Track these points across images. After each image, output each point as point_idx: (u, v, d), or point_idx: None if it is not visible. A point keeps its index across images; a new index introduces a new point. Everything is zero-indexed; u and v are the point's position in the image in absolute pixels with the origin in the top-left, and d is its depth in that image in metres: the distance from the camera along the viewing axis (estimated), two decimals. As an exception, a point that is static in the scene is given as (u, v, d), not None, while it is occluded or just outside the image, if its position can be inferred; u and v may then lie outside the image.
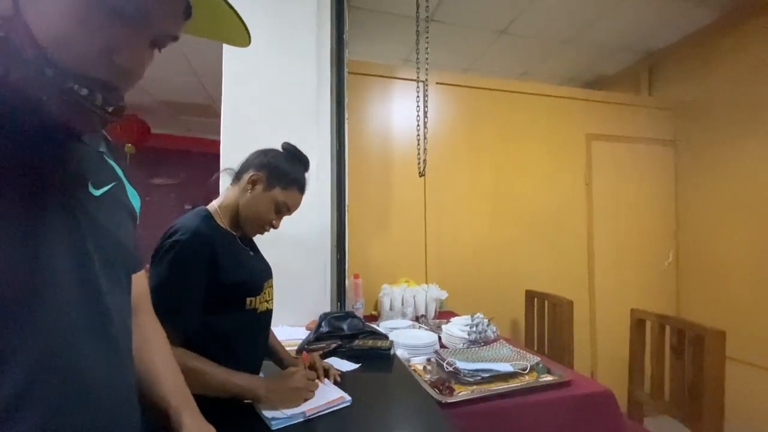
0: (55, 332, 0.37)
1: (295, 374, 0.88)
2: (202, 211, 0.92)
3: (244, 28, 0.47)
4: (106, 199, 0.46)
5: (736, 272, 2.37)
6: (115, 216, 0.48)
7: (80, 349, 0.39)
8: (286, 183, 0.95)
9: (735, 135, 2.40)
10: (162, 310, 0.79)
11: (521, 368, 1.18)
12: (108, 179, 0.48)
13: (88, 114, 0.36)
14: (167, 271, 0.80)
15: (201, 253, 0.82)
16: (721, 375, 1.29)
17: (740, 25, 2.37)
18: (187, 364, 0.78)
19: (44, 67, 0.33)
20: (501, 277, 2.41)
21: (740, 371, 2.24)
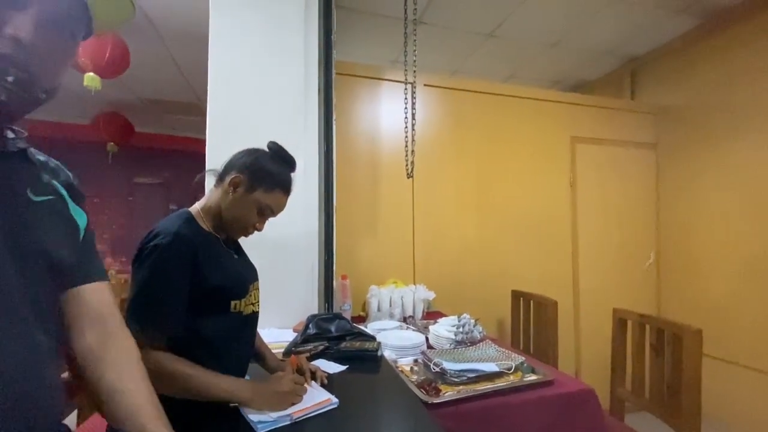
0: None
1: (283, 378, 0.87)
2: (184, 214, 0.91)
3: None
4: (44, 206, 0.50)
5: (714, 272, 2.45)
6: (52, 224, 0.51)
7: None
8: (269, 185, 0.93)
9: (715, 138, 2.47)
10: (144, 313, 0.78)
11: (506, 368, 1.20)
12: (49, 192, 0.52)
13: None
14: (149, 275, 0.78)
15: (183, 256, 0.81)
16: (698, 372, 1.33)
17: (719, 33, 2.45)
18: (172, 368, 0.77)
19: None
20: (488, 278, 2.44)
21: (717, 368, 2.31)
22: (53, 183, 0.55)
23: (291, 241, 1.60)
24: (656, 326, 1.51)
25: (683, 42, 2.66)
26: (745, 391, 2.23)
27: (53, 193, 0.54)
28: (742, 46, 2.32)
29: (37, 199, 0.50)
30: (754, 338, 2.21)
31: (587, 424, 1.14)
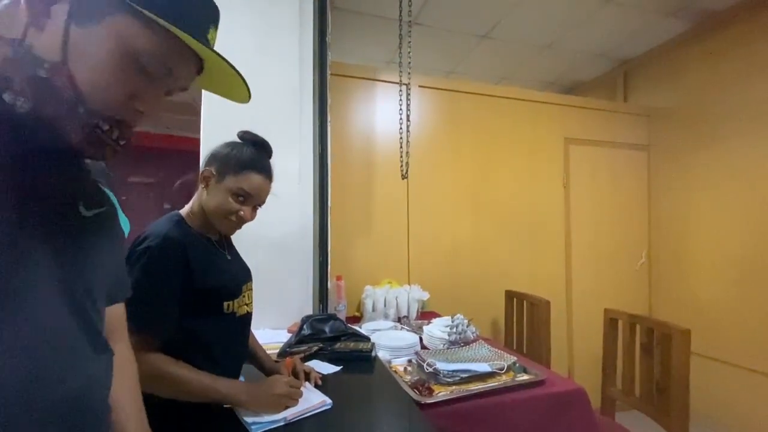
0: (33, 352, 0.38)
1: (279, 381, 0.87)
2: (174, 216, 0.91)
3: (246, 87, 0.53)
4: (95, 220, 0.49)
5: (704, 272, 2.49)
6: (102, 238, 0.50)
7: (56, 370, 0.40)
8: (236, 168, 0.91)
9: (706, 140, 2.51)
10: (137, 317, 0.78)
11: (498, 368, 1.21)
12: (100, 203, 0.51)
13: (103, 145, 0.43)
14: (140, 279, 0.78)
15: (173, 259, 0.82)
16: (686, 371, 1.36)
17: (709, 36, 2.48)
18: (168, 371, 0.78)
19: (78, 105, 0.39)
20: (482, 278, 2.45)
21: (707, 366, 2.35)
22: (104, 189, 0.54)
23: (286, 241, 1.60)
24: (646, 326, 1.54)
25: (674, 45, 2.69)
26: (734, 388, 2.26)
27: (104, 201, 0.52)
28: (732, 49, 2.36)
29: (89, 214, 0.48)
30: (743, 337, 2.25)
31: (578, 423, 1.16)
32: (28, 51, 0.38)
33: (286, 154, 1.61)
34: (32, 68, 0.38)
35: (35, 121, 0.39)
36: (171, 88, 0.47)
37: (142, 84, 0.43)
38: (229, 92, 0.55)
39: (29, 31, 0.38)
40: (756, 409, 2.15)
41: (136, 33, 0.40)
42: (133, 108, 0.43)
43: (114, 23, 0.40)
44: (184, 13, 0.43)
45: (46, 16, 0.38)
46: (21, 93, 0.38)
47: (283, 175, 1.61)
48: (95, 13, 0.39)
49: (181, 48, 0.44)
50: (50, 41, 0.38)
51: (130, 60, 0.41)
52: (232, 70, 0.49)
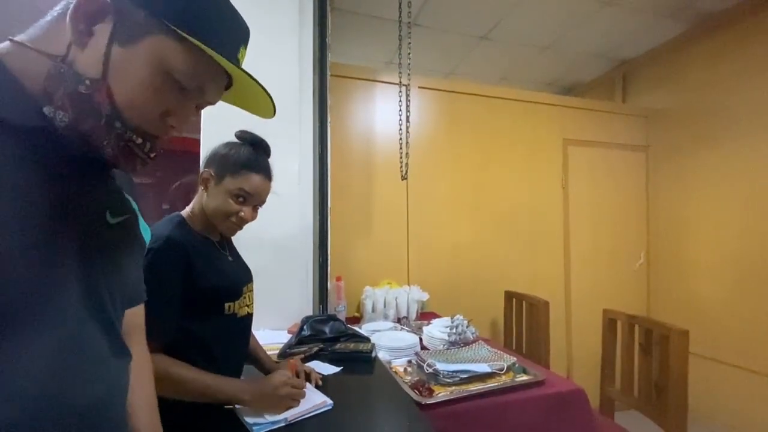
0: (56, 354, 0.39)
1: (282, 381, 0.87)
2: (176, 218, 0.92)
3: (272, 103, 0.55)
4: (120, 227, 0.50)
5: (703, 273, 2.50)
6: (125, 245, 0.52)
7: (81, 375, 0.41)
8: (235, 169, 0.91)
9: (704, 142, 2.52)
10: None
11: (498, 368, 1.22)
12: (125, 211, 0.52)
13: (136, 157, 0.44)
14: None
15: (175, 260, 0.82)
16: (684, 371, 1.37)
17: (708, 37, 2.49)
18: (171, 371, 0.78)
19: (115, 120, 0.41)
20: (481, 278, 2.46)
21: (705, 367, 2.36)
22: (127, 197, 0.55)
23: (286, 242, 1.60)
24: (645, 326, 1.54)
25: (673, 46, 2.71)
26: (732, 389, 2.27)
27: (128, 209, 0.53)
28: (730, 51, 2.37)
29: (114, 221, 0.49)
30: (741, 337, 2.26)
31: (577, 423, 1.16)
32: (70, 67, 0.40)
33: (286, 155, 1.62)
34: (73, 84, 0.39)
35: (73, 133, 0.40)
36: (200, 102, 0.49)
37: (176, 100, 0.45)
38: (255, 107, 0.56)
39: (72, 49, 0.40)
40: (754, 409, 2.16)
41: (173, 52, 0.42)
42: (166, 123, 0.45)
43: (152, 43, 0.41)
44: (217, 33, 0.45)
45: (89, 35, 0.40)
46: (61, 107, 0.39)
47: (283, 175, 1.62)
48: (136, 33, 0.41)
49: (214, 66, 0.45)
50: (92, 59, 0.40)
51: (166, 78, 0.42)
52: (257, 86, 0.50)
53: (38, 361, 0.37)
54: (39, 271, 0.38)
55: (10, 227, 0.36)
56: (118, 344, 0.48)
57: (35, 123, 0.39)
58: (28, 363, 0.36)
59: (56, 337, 0.39)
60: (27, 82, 0.40)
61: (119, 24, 0.40)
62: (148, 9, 0.41)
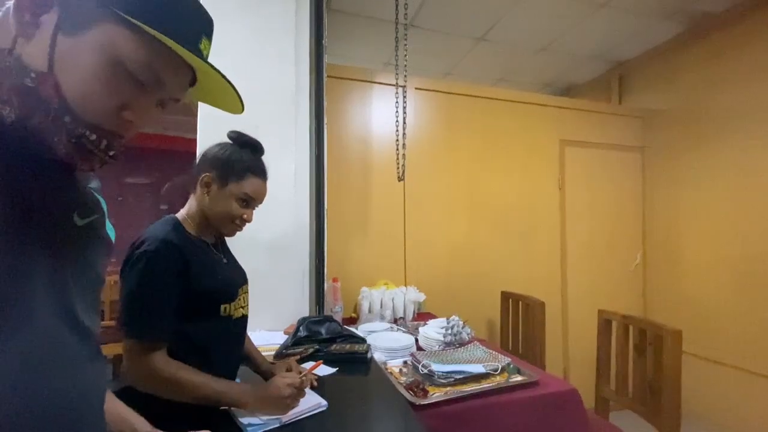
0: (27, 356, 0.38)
1: (283, 383, 0.87)
2: (171, 220, 0.92)
3: (239, 99, 0.53)
4: (87, 229, 0.49)
5: (699, 273, 2.51)
6: (94, 246, 0.50)
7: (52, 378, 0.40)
8: (239, 173, 0.92)
9: (699, 143, 2.53)
10: (133, 320, 0.79)
11: (493, 369, 1.23)
12: (92, 212, 0.50)
13: (92, 155, 0.42)
14: (137, 282, 0.79)
15: (171, 262, 0.82)
16: (678, 371, 1.37)
17: (703, 39, 2.51)
18: (170, 372, 0.79)
19: (64, 115, 0.39)
20: (478, 279, 2.47)
21: (700, 366, 2.38)
22: (95, 196, 0.53)
23: (282, 243, 1.61)
24: (639, 327, 1.55)
25: (669, 48, 2.72)
26: (727, 388, 2.29)
27: (96, 208, 0.51)
28: (726, 52, 2.38)
29: (82, 223, 0.48)
30: (736, 338, 2.27)
31: (570, 424, 1.17)
32: (17, 60, 0.38)
33: (282, 156, 1.62)
34: (19, 78, 0.38)
35: (22, 131, 0.39)
36: (163, 98, 0.47)
37: (132, 94, 0.43)
38: (223, 103, 0.55)
39: (18, 41, 0.39)
40: (749, 409, 2.18)
41: (124, 41, 0.40)
42: (122, 118, 0.43)
43: (101, 32, 0.39)
44: (174, 22, 0.43)
45: (35, 26, 0.39)
46: (7, 102, 0.38)
47: (280, 177, 1.63)
48: (83, 22, 0.39)
49: (172, 57, 0.43)
50: (38, 51, 0.38)
51: (119, 69, 0.40)
52: (223, 80, 0.48)
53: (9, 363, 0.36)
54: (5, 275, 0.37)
55: None
56: (91, 347, 0.47)
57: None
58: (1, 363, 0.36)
59: (26, 339, 0.38)
60: None
61: (65, 13, 0.39)
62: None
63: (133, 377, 0.79)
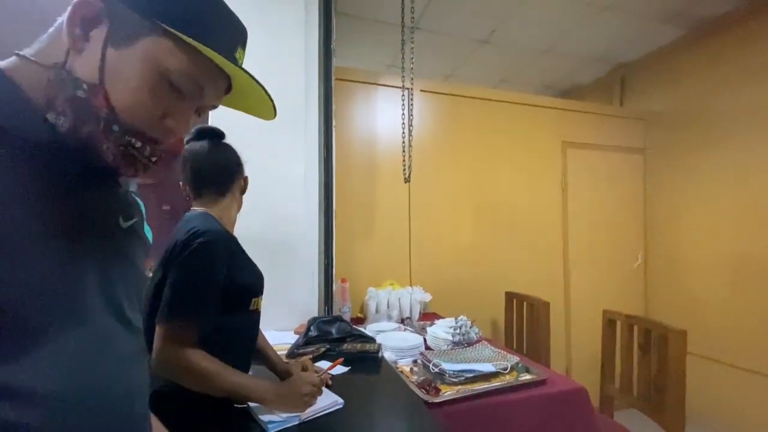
0: (84, 352, 0.40)
1: (303, 381, 0.89)
2: (209, 215, 0.94)
3: (272, 105, 0.55)
4: (130, 231, 0.51)
5: (699, 273, 2.54)
6: (136, 247, 0.53)
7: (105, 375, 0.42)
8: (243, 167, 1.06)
9: (700, 144, 2.56)
10: (183, 310, 0.81)
11: (502, 368, 1.25)
12: (134, 214, 0.53)
13: (136, 161, 0.44)
14: (193, 273, 0.82)
15: (223, 256, 0.86)
16: (682, 370, 1.40)
17: (704, 42, 2.54)
18: (203, 366, 0.80)
19: (113, 123, 0.41)
20: (482, 279, 2.49)
21: (702, 366, 2.40)
22: (135, 199, 0.55)
23: (292, 244, 1.63)
24: (643, 327, 1.58)
25: (671, 50, 2.75)
26: (729, 388, 2.32)
27: (136, 212, 0.53)
28: (726, 55, 2.41)
29: (126, 225, 0.50)
30: (737, 337, 2.30)
31: (579, 421, 1.19)
32: (69, 73, 0.41)
33: (293, 158, 1.64)
34: (72, 89, 0.40)
35: (75, 140, 0.41)
36: (201, 106, 0.49)
37: (174, 102, 0.45)
38: (256, 110, 0.57)
39: (70, 55, 0.41)
40: (751, 408, 2.21)
41: (168, 53, 0.42)
42: (165, 126, 0.45)
43: (147, 44, 0.42)
44: (212, 33, 0.45)
45: (86, 40, 0.41)
46: (62, 113, 0.40)
47: (290, 179, 1.65)
48: (130, 35, 0.41)
49: (211, 66, 0.46)
50: (88, 63, 0.41)
51: (163, 79, 0.43)
52: (258, 87, 0.50)
53: (68, 359, 0.39)
54: (62, 275, 0.39)
55: (33, 238, 0.37)
56: (138, 344, 0.49)
57: (43, 135, 0.40)
58: (59, 363, 0.38)
59: (85, 338, 0.40)
60: (32, 94, 0.40)
61: (114, 27, 0.41)
62: (142, 10, 0.41)
63: (163, 365, 0.79)
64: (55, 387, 0.37)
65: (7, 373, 0.34)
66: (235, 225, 1.03)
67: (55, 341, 0.38)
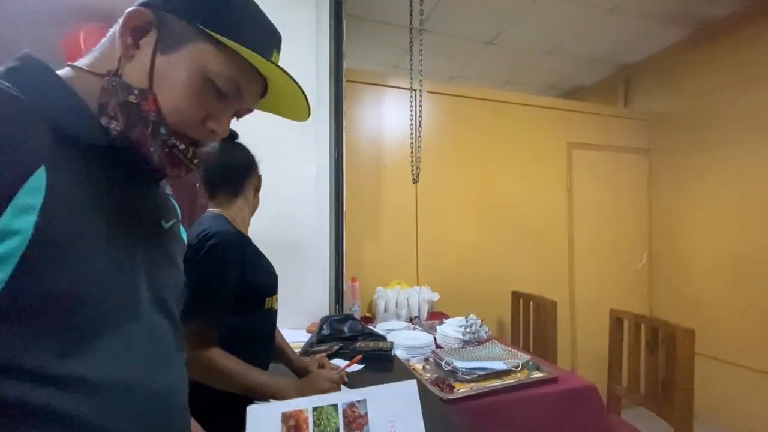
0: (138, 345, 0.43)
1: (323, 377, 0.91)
2: (221, 217, 0.96)
3: (307, 106, 0.56)
4: (170, 232, 0.54)
5: (703, 273, 2.56)
6: (175, 246, 0.55)
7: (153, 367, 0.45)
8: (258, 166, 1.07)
9: (704, 145, 2.58)
10: (200, 311, 0.83)
11: (514, 366, 1.26)
12: (173, 216, 0.55)
13: (181, 162, 0.47)
14: (207, 273, 0.83)
15: (236, 256, 0.87)
16: (690, 369, 1.42)
17: (708, 44, 2.56)
18: (225, 365, 0.82)
19: (160, 126, 0.43)
20: (487, 279, 2.51)
21: (706, 365, 2.41)
22: (172, 201, 0.58)
23: (303, 244, 1.65)
24: (651, 326, 1.60)
25: (675, 52, 2.77)
26: (735, 387, 2.33)
27: (174, 213, 0.57)
28: (731, 56, 2.43)
29: (167, 226, 0.53)
30: (742, 337, 2.31)
31: (589, 418, 1.21)
32: (121, 80, 0.43)
33: (304, 159, 1.66)
34: (124, 95, 0.42)
35: (125, 142, 0.43)
36: (239, 108, 0.52)
37: (215, 105, 0.47)
38: (289, 111, 0.59)
39: (122, 63, 0.43)
40: (756, 407, 2.22)
41: (211, 57, 0.44)
42: (206, 128, 0.47)
43: (192, 50, 0.44)
44: (251, 37, 0.47)
45: (136, 48, 0.44)
46: (114, 118, 0.42)
47: (301, 179, 1.67)
48: (177, 41, 0.44)
49: (250, 70, 0.48)
50: (139, 70, 0.43)
51: (206, 82, 0.45)
52: (294, 89, 0.52)
53: (126, 352, 0.41)
54: (117, 270, 0.42)
55: (96, 235, 0.39)
56: (179, 338, 0.52)
57: (99, 139, 0.42)
58: (118, 355, 0.40)
59: (137, 330, 0.43)
60: (88, 101, 0.43)
61: (162, 34, 0.43)
62: (187, 17, 0.44)
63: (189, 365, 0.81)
64: (111, 379, 0.39)
65: (70, 365, 0.36)
66: (249, 224, 1.04)
67: (112, 333, 0.40)
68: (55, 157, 0.37)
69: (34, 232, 0.34)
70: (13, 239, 0.33)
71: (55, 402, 0.35)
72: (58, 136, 0.38)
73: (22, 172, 0.34)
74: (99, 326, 0.39)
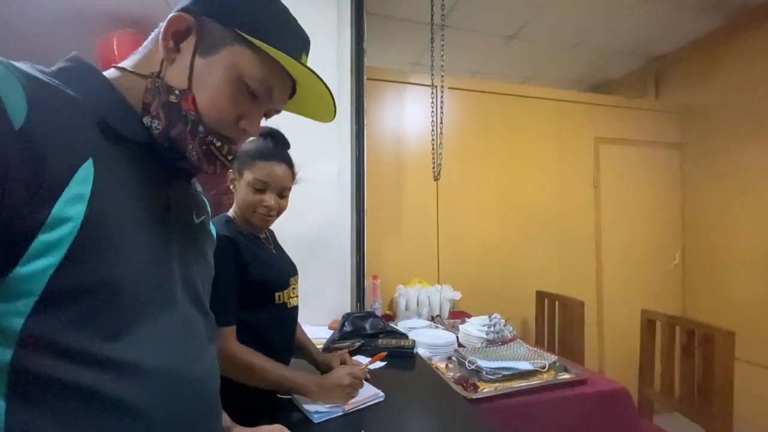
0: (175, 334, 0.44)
1: (344, 373, 0.91)
2: (224, 217, 0.98)
3: (334, 106, 0.57)
4: (201, 227, 0.56)
5: (741, 273, 2.42)
6: (206, 241, 0.57)
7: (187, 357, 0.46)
8: (250, 161, 0.94)
9: (741, 138, 2.44)
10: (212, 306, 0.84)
11: (540, 366, 1.23)
12: (204, 211, 0.57)
13: (216, 160, 0.49)
14: None
15: (227, 253, 0.87)
16: (730, 374, 1.34)
17: (744, 32, 2.42)
18: (247, 359, 0.84)
19: (198, 125, 0.46)
20: (511, 278, 2.46)
21: (742, 369, 2.29)
22: (203, 198, 0.61)
23: (326, 241, 1.66)
24: (686, 327, 1.52)
25: (709, 41, 2.63)
26: (774, 394, 2.20)
27: (204, 209, 0.59)
28: None
29: (198, 221, 0.55)
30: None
31: (621, 423, 1.16)
32: (162, 81, 0.45)
33: (326, 157, 1.67)
34: (166, 95, 0.45)
35: (165, 140, 0.46)
36: (269, 109, 0.53)
37: (248, 105, 0.49)
38: (316, 112, 0.60)
39: (164, 65, 0.46)
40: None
41: (246, 60, 0.46)
42: (239, 127, 0.49)
43: (228, 53, 0.46)
44: (282, 41, 0.48)
45: (177, 51, 0.46)
46: (156, 117, 0.45)
47: (323, 177, 1.68)
48: (215, 45, 0.46)
49: (281, 72, 0.50)
50: (179, 72, 0.45)
51: (241, 84, 0.47)
52: (322, 90, 0.53)
53: (163, 339, 0.42)
54: (155, 262, 0.43)
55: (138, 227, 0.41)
56: (211, 327, 0.54)
57: (142, 137, 0.45)
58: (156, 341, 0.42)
59: (173, 319, 0.44)
60: (134, 102, 0.45)
61: (201, 38, 0.45)
62: (225, 22, 0.46)
63: None
64: (150, 364, 0.40)
65: (113, 348, 0.37)
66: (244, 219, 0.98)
67: (150, 322, 0.41)
68: (102, 151, 0.39)
69: (84, 220, 0.35)
70: (65, 226, 0.35)
71: (101, 383, 0.36)
72: (103, 132, 0.40)
73: (73, 162, 0.36)
74: (138, 315, 0.40)
